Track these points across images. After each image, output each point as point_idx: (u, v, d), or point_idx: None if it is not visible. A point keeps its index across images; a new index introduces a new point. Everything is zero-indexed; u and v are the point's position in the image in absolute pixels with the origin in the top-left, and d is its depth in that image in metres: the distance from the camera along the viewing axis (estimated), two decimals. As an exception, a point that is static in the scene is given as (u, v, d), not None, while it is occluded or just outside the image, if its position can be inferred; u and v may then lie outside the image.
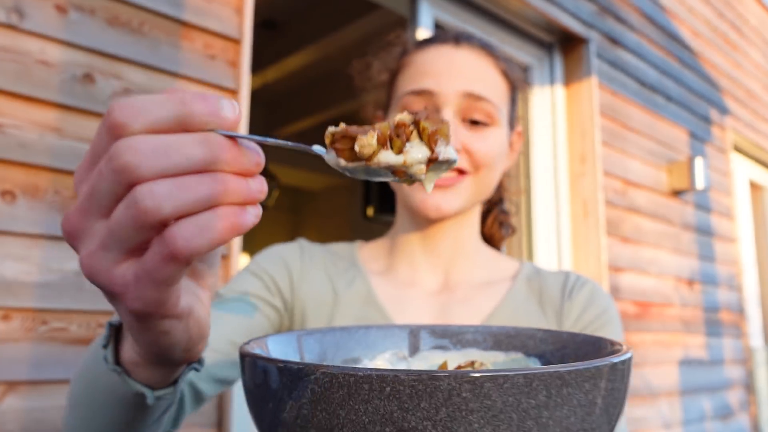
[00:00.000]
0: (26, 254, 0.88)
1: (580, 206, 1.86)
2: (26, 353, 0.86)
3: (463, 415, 0.17)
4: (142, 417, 0.29)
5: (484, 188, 0.52)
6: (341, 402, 0.18)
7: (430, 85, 0.50)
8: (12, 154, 0.88)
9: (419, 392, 0.17)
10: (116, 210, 0.19)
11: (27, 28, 0.91)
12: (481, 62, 0.51)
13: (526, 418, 0.18)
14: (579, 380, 0.19)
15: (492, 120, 0.51)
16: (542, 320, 0.52)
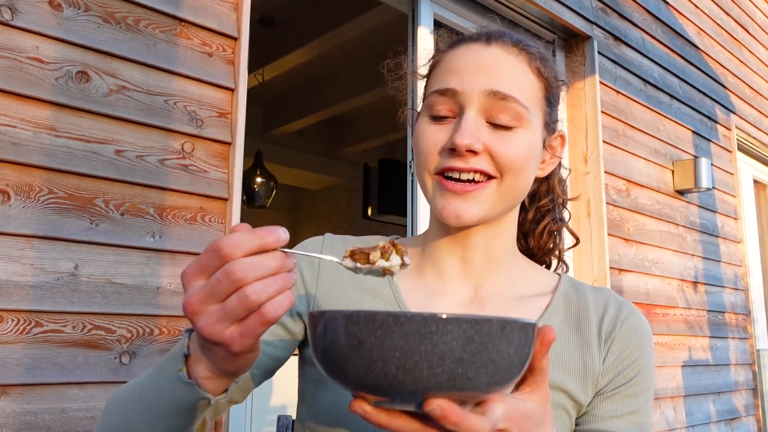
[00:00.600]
0: (20, 255, 0.86)
1: (582, 206, 1.84)
2: (20, 355, 0.85)
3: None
4: (192, 421, 0.41)
5: (510, 195, 0.49)
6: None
7: (453, 83, 0.48)
8: (5, 153, 0.87)
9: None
10: (229, 299, 0.33)
11: (20, 25, 0.89)
12: (511, 59, 0.49)
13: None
14: (503, 329, 0.31)
15: (520, 121, 0.48)
16: (577, 351, 0.49)
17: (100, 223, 0.94)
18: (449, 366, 0.30)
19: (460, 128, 0.47)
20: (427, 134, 0.49)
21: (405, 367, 0.30)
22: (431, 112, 0.49)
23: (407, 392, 0.30)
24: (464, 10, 1.67)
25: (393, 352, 0.30)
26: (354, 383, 0.32)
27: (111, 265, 0.94)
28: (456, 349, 0.30)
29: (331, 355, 0.32)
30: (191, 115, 1.06)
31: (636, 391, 0.50)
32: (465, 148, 0.46)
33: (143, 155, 1.00)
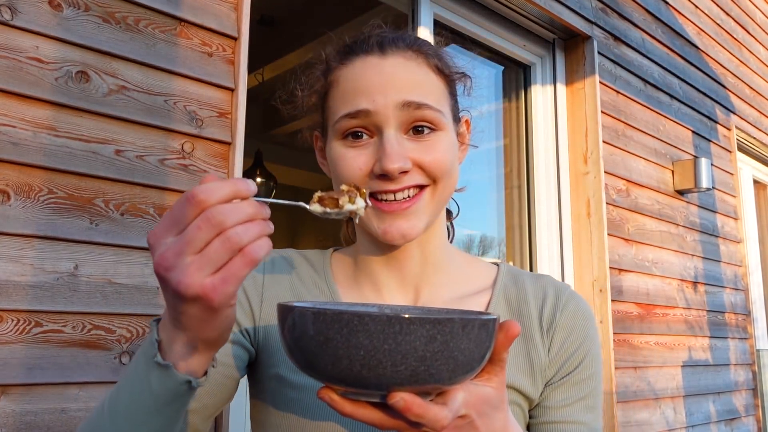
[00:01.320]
0: (20, 255, 0.86)
1: (582, 206, 1.84)
2: (19, 355, 0.85)
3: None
4: (175, 417, 0.39)
5: (444, 197, 0.50)
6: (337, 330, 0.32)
7: (364, 104, 0.47)
8: (5, 153, 0.86)
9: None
10: (210, 245, 0.32)
11: (20, 25, 0.89)
12: (412, 66, 0.48)
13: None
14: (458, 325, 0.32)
15: (437, 125, 0.48)
16: (522, 346, 0.50)
17: (100, 223, 0.94)
18: (412, 364, 0.31)
19: (386, 152, 0.45)
20: (348, 159, 0.47)
21: (369, 365, 0.31)
22: (343, 136, 0.48)
23: (372, 386, 0.32)
24: (464, 10, 1.67)
25: (358, 350, 0.31)
26: (321, 376, 0.33)
27: (111, 265, 0.94)
28: (419, 348, 0.31)
29: (299, 349, 0.33)
30: (191, 115, 1.06)
31: (584, 377, 0.50)
32: (397, 172, 0.45)
33: (143, 155, 1.00)
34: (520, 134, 1.90)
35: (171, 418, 0.39)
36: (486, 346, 0.34)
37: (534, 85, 1.90)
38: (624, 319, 1.88)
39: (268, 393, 0.50)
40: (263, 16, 2.66)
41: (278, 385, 0.49)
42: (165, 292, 0.34)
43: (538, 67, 1.91)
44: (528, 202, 1.86)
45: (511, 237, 1.87)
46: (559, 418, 0.49)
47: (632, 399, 1.86)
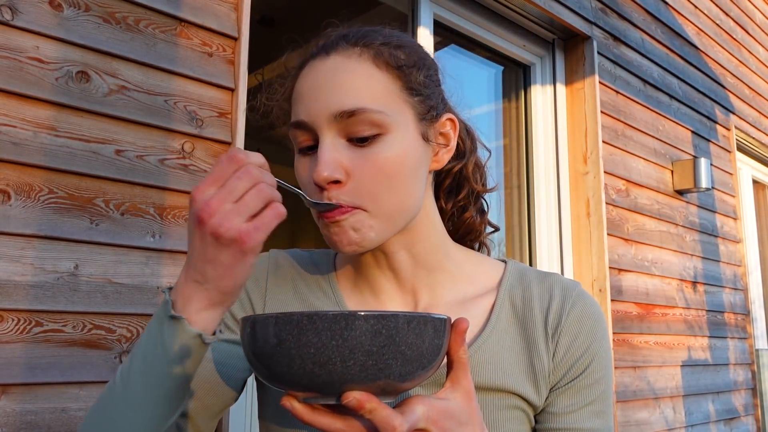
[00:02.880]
0: (20, 255, 0.86)
1: (582, 206, 1.84)
2: (20, 355, 0.85)
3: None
4: (188, 372, 0.40)
5: (400, 209, 0.45)
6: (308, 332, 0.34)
7: (301, 114, 0.45)
8: (5, 153, 0.87)
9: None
10: (247, 194, 0.37)
11: (20, 25, 0.89)
12: (352, 65, 0.44)
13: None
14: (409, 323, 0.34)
15: (380, 128, 0.44)
16: (524, 352, 0.48)
17: (100, 222, 0.94)
18: (360, 358, 0.32)
19: (318, 160, 0.43)
20: (299, 169, 0.47)
21: (320, 362, 0.33)
22: (297, 145, 0.47)
23: (326, 385, 0.33)
24: (464, 10, 1.67)
25: (308, 348, 0.32)
26: (279, 381, 0.34)
27: (111, 264, 0.94)
28: (365, 343, 0.32)
29: (258, 357, 0.35)
30: (191, 115, 1.06)
31: (591, 381, 0.48)
32: (325, 182, 0.43)
33: (143, 155, 1.00)
34: (520, 134, 1.91)
35: (181, 379, 0.40)
36: (436, 343, 0.34)
37: (534, 85, 1.90)
38: (623, 318, 1.88)
39: (272, 395, 0.50)
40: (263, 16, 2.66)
41: (280, 391, 0.49)
42: (201, 240, 0.37)
43: (537, 68, 1.91)
44: (528, 202, 1.86)
45: (510, 237, 1.87)
46: (564, 424, 0.47)
47: (632, 399, 1.86)
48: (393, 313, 0.33)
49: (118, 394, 0.41)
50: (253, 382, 0.48)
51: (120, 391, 0.41)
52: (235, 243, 0.36)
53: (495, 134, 1.92)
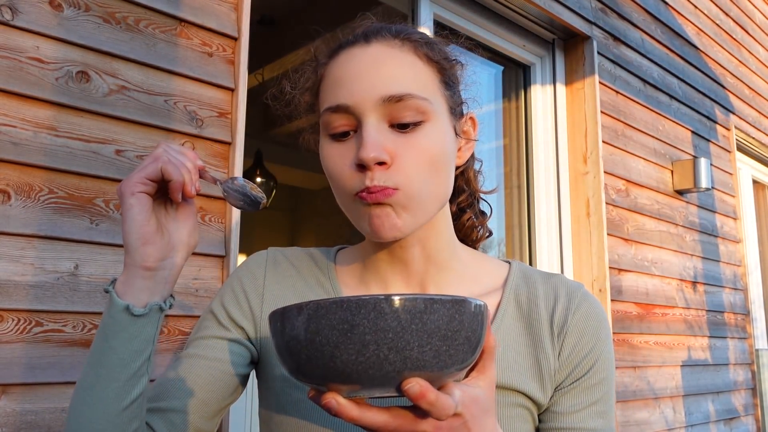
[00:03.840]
0: (20, 255, 0.86)
1: (582, 206, 1.84)
2: (20, 355, 0.85)
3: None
4: (126, 347, 0.42)
5: (435, 197, 0.46)
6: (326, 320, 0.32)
7: (344, 98, 0.45)
8: (5, 152, 0.87)
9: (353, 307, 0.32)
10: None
11: (20, 25, 0.89)
12: (395, 54, 0.45)
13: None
14: (443, 305, 0.33)
15: (424, 114, 0.45)
16: (531, 351, 0.48)
17: (100, 222, 0.94)
18: (436, 344, 0.32)
19: (363, 141, 0.43)
20: (334, 154, 0.46)
21: (397, 347, 0.31)
22: (330, 131, 0.46)
23: (393, 374, 0.32)
24: (464, 10, 1.67)
25: (386, 333, 0.31)
26: (337, 372, 0.32)
27: (111, 264, 0.94)
28: (442, 327, 0.32)
29: (314, 345, 0.32)
30: (191, 115, 1.06)
31: (595, 381, 0.49)
32: (372, 162, 0.43)
33: (143, 155, 1.00)
34: (520, 134, 1.91)
35: (121, 354, 0.42)
36: (483, 330, 0.34)
37: (533, 85, 1.90)
38: (623, 318, 1.88)
39: (273, 393, 0.50)
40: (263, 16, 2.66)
41: (283, 386, 0.49)
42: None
43: (537, 68, 1.91)
44: (527, 202, 1.86)
45: (510, 236, 1.87)
46: (568, 424, 0.48)
47: (631, 398, 1.86)
48: (463, 298, 0.33)
49: (78, 381, 0.44)
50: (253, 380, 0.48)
51: (79, 378, 0.44)
52: (118, 190, 0.43)
53: (495, 134, 1.93)
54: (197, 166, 0.45)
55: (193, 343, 0.51)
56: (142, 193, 0.42)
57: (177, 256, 0.44)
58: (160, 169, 0.42)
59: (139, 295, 0.42)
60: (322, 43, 0.51)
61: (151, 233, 0.43)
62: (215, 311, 0.52)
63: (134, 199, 0.42)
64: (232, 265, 1.07)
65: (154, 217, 0.43)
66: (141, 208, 0.42)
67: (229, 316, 0.51)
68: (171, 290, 0.45)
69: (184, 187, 0.43)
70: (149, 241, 0.42)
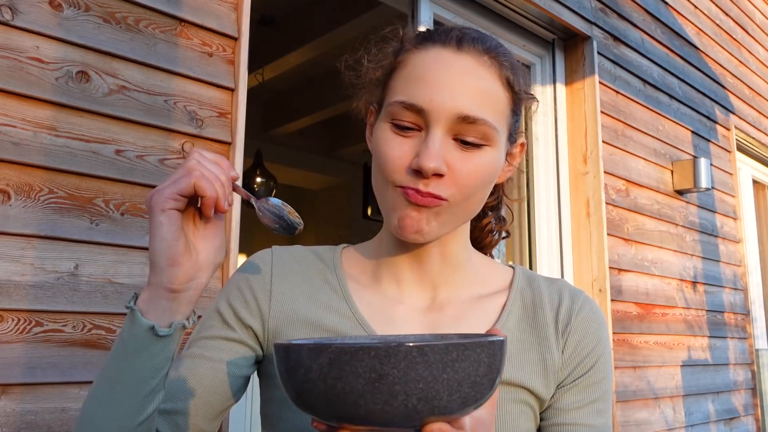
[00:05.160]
0: (20, 255, 0.86)
1: (582, 206, 1.84)
2: (20, 355, 0.85)
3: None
4: (146, 365, 0.41)
5: (463, 214, 0.48)
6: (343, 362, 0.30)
7: (421, 100, 0.45)
8: (5, 153, 0.87)
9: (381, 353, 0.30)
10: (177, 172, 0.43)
11: (20, 25, 0.89)
12: (482, 73, 0.46)
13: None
14: (468, 349, 0.31)
15: (488, 141, 0.46)
16: (536, 347, 0.50)
17: (100, 222, 0.94)
18: (465, 390, 0.30)
19: (427, 148, 0.44)
20: (392, 144, 0.46)
21: (426, 398, 0.30)
22: (394, 122, 0.46)
23: (417, 420, 0.30)
24: (464, 10, 1.67)
25: (416, 383, 0.29)
26: (361, 418, 0.30)
27: (111, 264, 0.94)
28: (472, 374, 0.31)
29: (335, 391, 0.30)
30: (191, 115, 1.06)
31: (595, 380, 0.51)
32: (431, 172, 0.44)
33: (143, 155, 1.00)
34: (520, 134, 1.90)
35: (141, 373, 0.41)
36: (502, 365, 0.33)
37: (533, 85, 1.90)
38: (623, 318, 1.88)
39: (277, 389, 0.50)
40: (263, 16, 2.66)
41: None
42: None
43: (537, 67, 1.91)
44: (527, 202, 1.86)
45: (510, 237, 1.87)
46: (569, 420, 0.49)
47: (631, 398, 1.86)
48: (491, 339, 0.31)
49: (92, 391, 0.43)
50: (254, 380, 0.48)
51: (92, 388, 0.43)
52: (147, 202, 0.41)
53: (495, 134, 1.92)
54: (231, 178, 0.42)
55: (196, 342, 0.51)
56: (173, 209, 0.40)
57: (203, 277, 0.42)
58: (193, 184, 0.40)
59: (163, 315, 0.41)
60: (412, 28, 0.51)
61: (179, 254, 0.41)
62: (221, 310, 0.51)
63: (164, 217, 0.40)
64: (232, 265, 1.07)
65: (183, 235, 0.41)
66: (171, 226, 0.40)
67: (236, 316, 0.51)
68: (194, 307, 0.43)
69: (217, 202, 0.41)
70: (177, 262, 0.41)
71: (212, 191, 0.40)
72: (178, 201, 0.40)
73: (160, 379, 0.42)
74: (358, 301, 0.51)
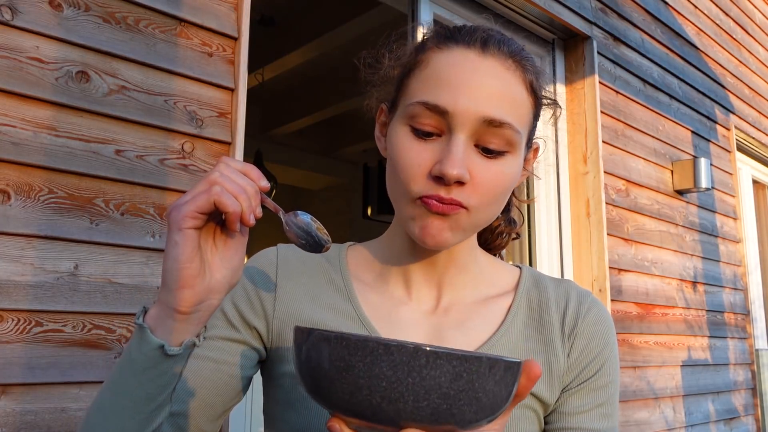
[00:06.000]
0: (20, 255, 0.86)
1: (582, 206, 1.84)
2: (20, 355, 0.85)
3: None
4: (154, 382, 0.40)
5: (483, 221, 0.47)
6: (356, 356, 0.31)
7: (445, 102, 0.43)
8: (5, 153, 0.87)
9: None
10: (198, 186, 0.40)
11: (20, 25, 0.89)
12: (507, 77, 0.45)
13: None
14: (484, 366, 0.31)
15: (511, 147, 0.45)
16: (542, 351, 0.49)
17: (100, 222, 0.94)
18: (434, 401, 0.30)
19: (451, 155, 0.43)
20: (412, 152, 0.44)
21: (390, 398, 0.30)
22: (414, 124, 0.45)
23: (387, 421, 0.30)
24: (464, 10, 1.67)
25: (380, 381, 0.30)
26: (335, 406, 0.32)
27: (111, 264, 0.94)
28: (443, 385, 0.30)
29: (315, 376, 0.32)
30: (191, 115, 1.06)
31: (601, 384, 0.50)
32: (454, 180, 0.43)
33: (143, 155, 1.00)
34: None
35: (148, 389, 0.40)
36: (510, 390, 0.32)
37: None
38: (623, 318, 1.88)
39: (280, 389, 0.50)
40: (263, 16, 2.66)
41: (291, 383, 0.49)
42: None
43: (537, 67, 1.91)
44: (527, 202, 1.86)
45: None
46: (573, 424, 0.49)
47: (631, 398, 1.86)
48: (477, 355, 0.30)
49: (97, 401, 0.42)
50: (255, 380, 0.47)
51: (98, 398, 0.42)
52: (167, 217, 0.39)
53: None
54: (260, 189, 0.39)
55: (201, 351, 0.50)
56: (190, 229, 0.37)
57: (215, 299, 0.40)
58: (213, 201, 0.37)
59: (172, 334, 0.39)
60: (435, 26, 0.49)
61: (191, 277, 0.38)
62: (226, 310, 0.51)
63: (180, 236, 0.37)
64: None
65: (199, 256, 0.39)
66: (185, 247, 0.37)
67: (241, 316, 0.50)
68: (204, 325, 0.42)
69: (242, 216, 0.38)
70: (187, 284, 0.38)
71: (235, 206, 0.37)
72: (197, 219, 0.38)
73: (168, 393, 0.42)
74: (362, 303, 0.50)
